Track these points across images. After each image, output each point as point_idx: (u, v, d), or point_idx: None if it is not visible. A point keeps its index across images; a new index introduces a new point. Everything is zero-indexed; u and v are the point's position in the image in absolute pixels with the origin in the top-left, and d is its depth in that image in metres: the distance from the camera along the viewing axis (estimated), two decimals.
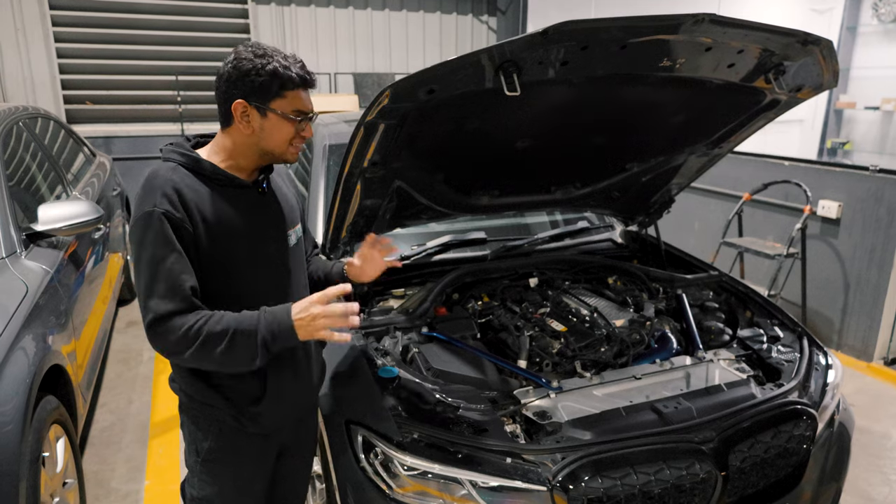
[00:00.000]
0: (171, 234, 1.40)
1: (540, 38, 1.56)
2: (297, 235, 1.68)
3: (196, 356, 1.41)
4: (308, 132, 1.54)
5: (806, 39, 1.85)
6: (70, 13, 6.71)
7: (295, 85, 1.46)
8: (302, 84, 1.47)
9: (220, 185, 1.51)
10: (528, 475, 1.64)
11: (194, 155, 1.51)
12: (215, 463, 1.65)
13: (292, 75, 1.45)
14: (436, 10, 8.40)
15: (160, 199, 1.40)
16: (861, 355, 4.14)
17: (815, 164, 4.39)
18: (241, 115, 1.46)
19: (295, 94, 1.47)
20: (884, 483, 2.89)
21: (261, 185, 1.58)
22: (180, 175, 1.47)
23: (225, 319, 1.41)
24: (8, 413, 1.88)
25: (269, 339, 1.42)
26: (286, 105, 1.46)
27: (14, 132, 3.16)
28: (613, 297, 2.53)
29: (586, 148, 2.34)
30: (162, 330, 1.39)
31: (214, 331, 1.39)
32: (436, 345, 2.14)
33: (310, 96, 1.52)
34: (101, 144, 6.38)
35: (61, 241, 2.81)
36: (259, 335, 1.41)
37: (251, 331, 1.41)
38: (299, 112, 1.49)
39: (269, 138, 1.49)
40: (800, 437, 1.89)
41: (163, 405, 3.48)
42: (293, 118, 1.48)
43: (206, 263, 1.47)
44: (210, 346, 1.39)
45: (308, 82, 1.49)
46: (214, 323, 1.40)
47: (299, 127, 1.50)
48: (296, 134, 1.51)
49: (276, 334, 1.42)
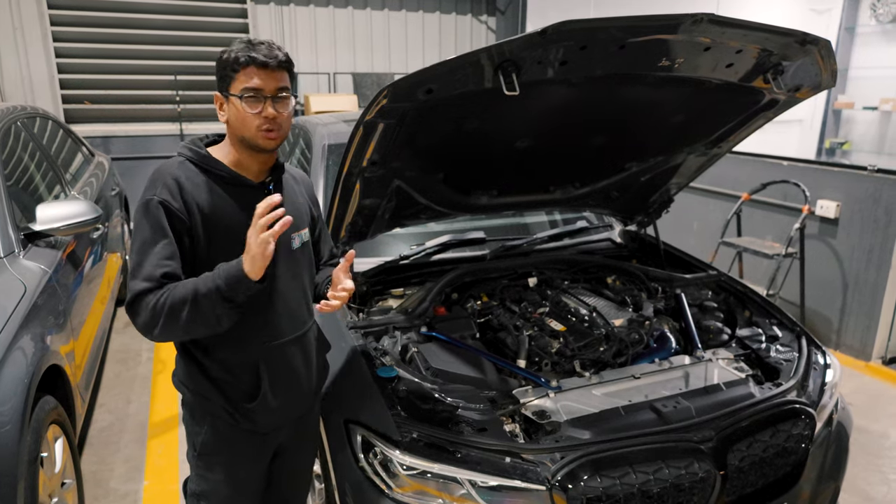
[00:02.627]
0: (165, 221, 1.45)
1: (539, 37, 1.56)
2: (301, 240, 1.67)
3: (166, 328, 1.42)
4: (268, 112, 1.47)
5: (804, 39, 1.85)
6: (68, 13, 6.71)
7: (240, 65, 1.45)
8: (250, 62, 1.45)
9: (224, 182, 1.53)
10: (527, 474, 1.64)
11: (202, 151, 1.54)
12: (210, 457, 1.67)
13: (238, 55, 1.45)
14: (435, 9, 8.40)
15: (160, 189, 1.47)
16: (859, 355, 4.14)
17: (813, 164, 4.40)
18: (219, 108, 1.52)
19: (244, 74, 1.46)
20: (882, 482, 2.90)
21: (267, 186, 1.59)
22: (185, 169, 1.51)
23: (186, 284, 1.43)
24: (6, 413, 1.87)
25: (224, 288, 1.39)
26: (237, 86, 1.47)
27: (12, 132, 3.15)
28: (612, 296, 2.53)
29: (585, 148, 2.34)
30: (137, 308, 1.44)
31: (177, 297, 1.41)
32: (435, 344, 2.14)
33: (272, 76, 1.47)
34: (100, 144, 6.37)
35: (60, 241, 2.81)
36: (216, 286, 1.39)
37: (210, 286, 1.40)
38: (249, 90, 1.45)
39: (238, 125, 1.50)
40: (798, 436, 1.89)
41: (161, 405, 3.48)
42: (245, 97, 1.45)
43: (201, 256, 1.50)
44: (176, 313, 1.40)
45: (258, 61, 1.45)
46: (177, 290, 1.42)
47: (255, 107, 1.46)
48: (256, 115, 1.47)
49: (230, 280, 1.39)
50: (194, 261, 1.50)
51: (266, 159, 1.58)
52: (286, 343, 1.64)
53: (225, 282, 1.39)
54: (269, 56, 1.46)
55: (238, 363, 1.59)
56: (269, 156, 1.59)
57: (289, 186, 1.67)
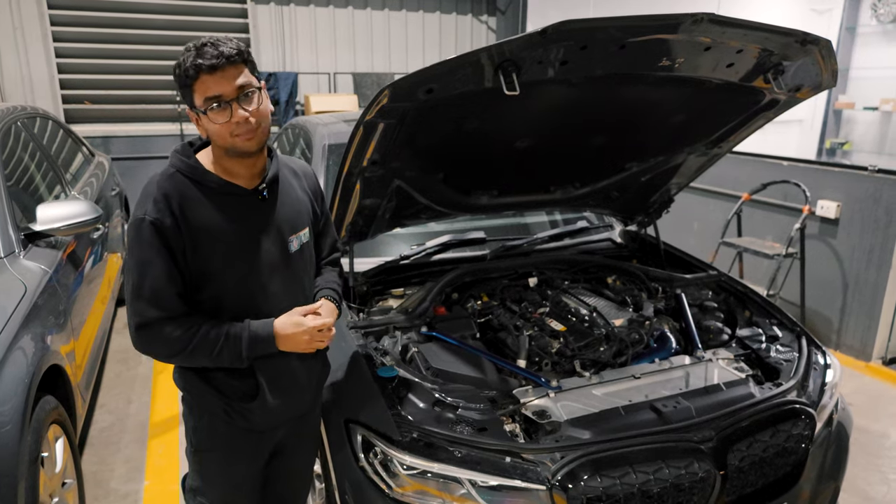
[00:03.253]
0: (159, 241, 1.43)
1: (539, 37, 1.56)
2: (299, 242, 1.64)
3: (180, 360, 1.53)
4: (238, 117, 1.39)
5: (804, 39, 1.85)
6: (68, 13, 6.70)
7: (191, 77, 1.36)
8: (199, 70, 1.35)
9: (216, 192, 1.50)
10: (527, 474, 1.64)
11: (192, 162, 1.50)
12: (206, 453, 1.68)
13: (187, 67, 1.35)
14: (435, 9, 8.40)
15: (151, 207, 1.44)
16: (859, 355, 4.14)
17: (813, 164, 4.39)
18: (196, 123, 1.47)
19: (200, 84, 1.37)
20: (882, 482, 2.90)
21: (261, 192, 1.55)
22: (175, 182, 1.47)
23: (213, 333, 1.48)
24: (7, 413, 1.87)
25: (249, 352, 1.52)
26: (199, 99, 1.40)
27: (13, 132, 3.15)
28: (613, 296, 2.53)
29: (586, 147, 2.34)
30: (148, 336, 1.46)
31: (202, 343, 1.47)
32: (435, 344, 2.14)
33: (227, 76, 1.37)
34: (100, 144, 6.37)
35: (60, 241, 2.81)
36: (244, 348, 1.51)
37: (237, 342, 1.51)
38: (210, 100, 1.38)
39: (215, 136, 1.45)
40: (798, 436, 1.89)
41: (162, 405, 3.48)
42: (208, 110, 1.39)
43: (196, 269, 1.48)
44: (196, 356, 1.49)
45: (204, 67, 1.35)
46: (202, 335, 1.47)
47: (223, 115, 1.38)
48: (227, 122, 1.39)
49: (255, 343, 1.53)
50: (191, 274, 1.48)
51: (255, 162, 1.52)
52: None
53: (249, 345, 1.51)
54: (216, 56, 1.35)
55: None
56: (259, 157, 1.53)
57: (286, 185, 1.63)
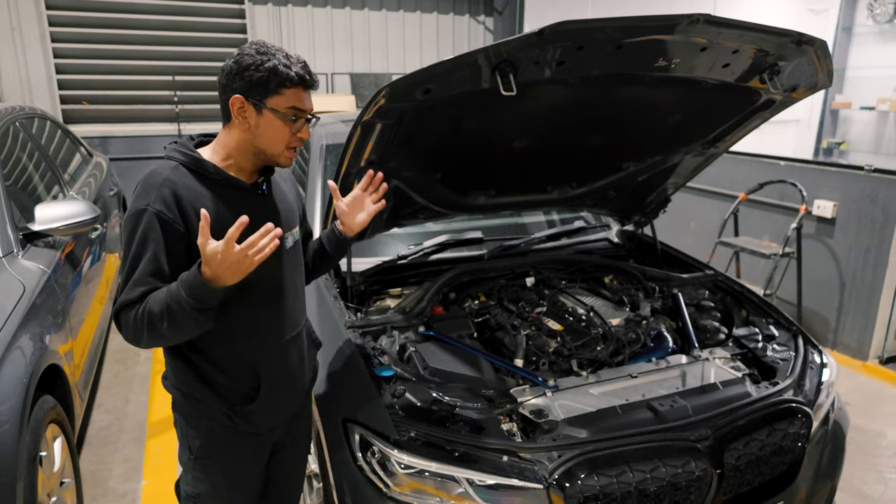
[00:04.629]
0: (160, 233, 1.40)
1: (536, 38, 1.57)
2: (293, 238, 1.66)
3: (152, 339, 1.41)
4: (305, 133, 1.51)
5: (800, 39, 1.86)
6: (66, 13, 6.70)
7: (293, 83, 1.44)
8: (300, 83, 1.45)
9: (219, 185, 1.49)
10: (524, 473, 1.65)
11: (195, 154, 1.50)
12: (207, 460, 1.65)
13: (291, 73, 1.43)
14: (433, 10, 8.41)
15: (154, 198, 1.40)
16: (856, 354, 4.16)
17: (810, 163, 4.41)
18: (238, 111, 1.45)
19: (293, 93, 1.45)
20: (879, 481, 2.91)
21: (260, 187, 1.57)
22: (179, 174, 1.46)
23: (158, 297, 1.37)
24: (5, 413, 1.88)
25: (189, 300, 1.33)
26: (282, 102, 1.45)
27: (11, 132, 3.15)
28: (610, 296, 2.54)
29: (583, 147, 2.35)
30: (123, 321, 1.43)
31: (153, 312, 1.37)
32: (433, 344, 2.14)
33: (310, 98, 1.50)
34: (98, 144, 6.36)
35: (58, 241, 2.81)
36: (183, 299, 1.34)
37: (177, 299, 1.34)
38: (295, 110, 1.47)
39: (263, 137, 1.47)
40: (795, 435, 1.90)
41: (160, 405, 3.48)
42: (289, 117, 1.46)
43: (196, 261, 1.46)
44: (155, 326, 1.37)
45: (307, 82, 1.47)
46: (151, 304, 1.38)
47: (295, 127, 1.48)
48: (291, 134, 1.49)
49: (194, 291, 1.33)
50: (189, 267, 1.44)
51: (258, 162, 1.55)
52: (285, 342, 1.64)
53: (189, 294, 1.33)
54: (313, 76, 1.49)
55: (236, 364, 1.58)
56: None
57: (278, 184, 1.67)
